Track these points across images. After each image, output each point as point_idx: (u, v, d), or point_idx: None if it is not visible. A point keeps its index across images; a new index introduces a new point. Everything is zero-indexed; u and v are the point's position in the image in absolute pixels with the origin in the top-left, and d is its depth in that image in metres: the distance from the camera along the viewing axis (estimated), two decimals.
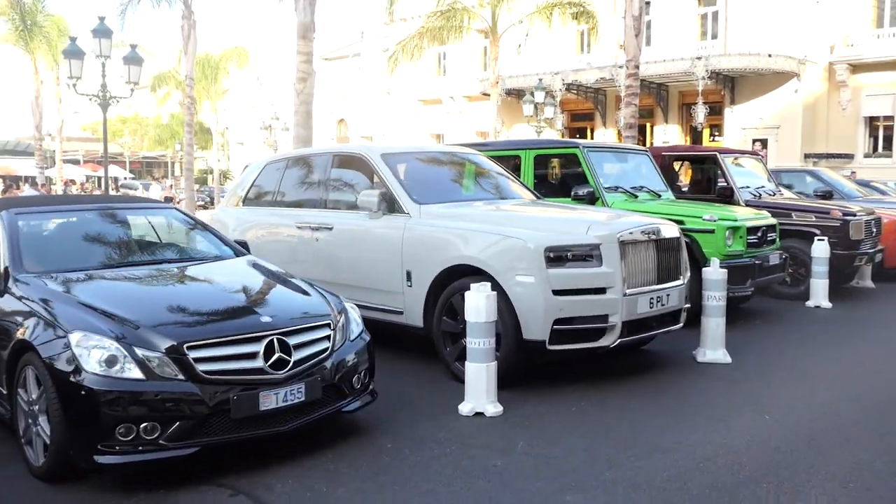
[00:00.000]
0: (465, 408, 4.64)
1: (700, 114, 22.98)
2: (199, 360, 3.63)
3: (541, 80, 24.52)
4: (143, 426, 3.50)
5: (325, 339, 4.11)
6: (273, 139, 33.49)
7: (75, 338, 3.59)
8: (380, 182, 6.06)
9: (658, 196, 8.24)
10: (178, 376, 3.58)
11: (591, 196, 7.56)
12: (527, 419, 4.58)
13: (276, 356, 3.81)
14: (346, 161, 6.66)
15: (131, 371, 3.53)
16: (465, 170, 6.95)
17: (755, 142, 22.64)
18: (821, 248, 8.39)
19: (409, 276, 5.65)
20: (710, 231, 7.29)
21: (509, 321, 5.00)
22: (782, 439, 4.22)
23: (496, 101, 23.83)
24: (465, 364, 4.68)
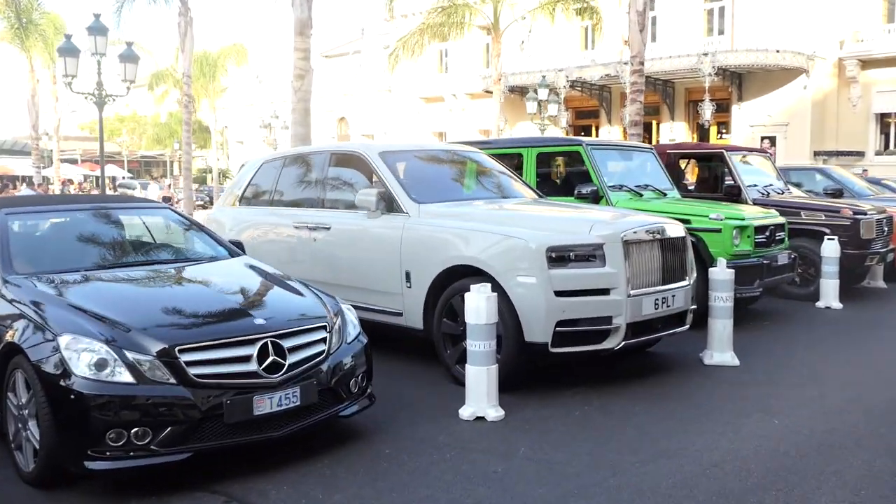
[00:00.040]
0: (465, 412, 4.56)
1: (707, 111, 22.81)
2: (191, 363, 3.58)
3: (544, 77, 24.43)
4: (134, 431, 3.44)
5: (321, 342, 4.05)
6: (273, 138, 33.50)
7: (64, 341, 3.53)
8: (378, 181, 5.97)
9: (663, 195, 8.13)
10: (170, 380, 3.53)
11: (595, 195, 7.46)
12: (528, 423, 4.51)
13: (270, 359, 3.75)
14: (344, 159, 6.58)
15: (121, 375, 3.48)
16: (465, 168, 6.86)
17: (763, 139, 22.40)
18: (831, 248, 8.26)
19: (408, 276, 5.56)
20: (717, 230, 7.19)
21: (510, 323, 4.91)
22: (792, 444, 4.13)
23: (499, 98, 23.73)
24: (466, 367, 4.60)
